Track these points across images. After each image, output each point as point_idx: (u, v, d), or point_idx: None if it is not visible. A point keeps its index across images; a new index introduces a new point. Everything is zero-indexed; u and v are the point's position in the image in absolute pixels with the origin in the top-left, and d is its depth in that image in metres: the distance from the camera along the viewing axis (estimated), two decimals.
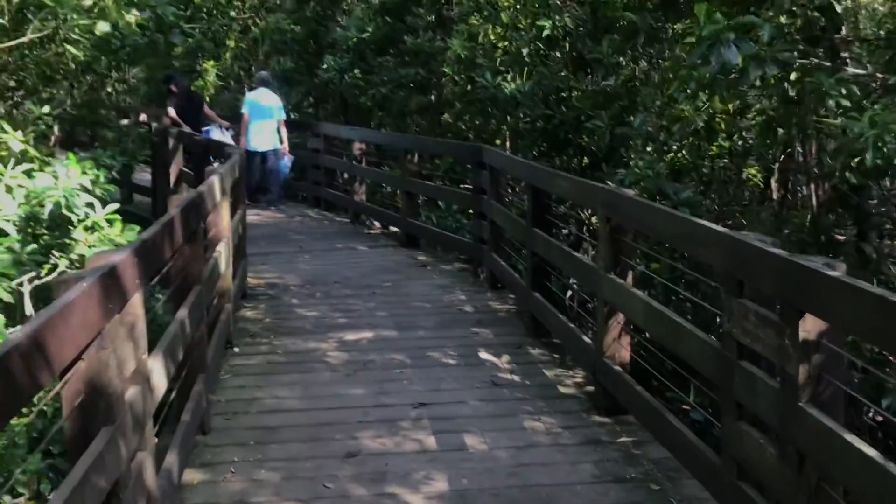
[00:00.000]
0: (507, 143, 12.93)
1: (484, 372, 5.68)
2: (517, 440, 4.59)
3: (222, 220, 6.14)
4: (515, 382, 5.47)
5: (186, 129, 11.91)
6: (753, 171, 8.70)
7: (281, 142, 12.54)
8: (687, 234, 3.75)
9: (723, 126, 5.37)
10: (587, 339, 5.25)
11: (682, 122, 5.13)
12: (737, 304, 3.29)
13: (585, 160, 9.40)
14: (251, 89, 13.26)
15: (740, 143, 6.90)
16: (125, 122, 13.69)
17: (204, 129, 12.43)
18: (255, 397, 5.27)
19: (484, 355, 6.02)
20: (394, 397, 5.23)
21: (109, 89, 26.47)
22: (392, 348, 6.19)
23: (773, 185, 7.64)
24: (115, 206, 7.20)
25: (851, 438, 2.61)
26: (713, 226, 3.54)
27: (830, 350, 2.85)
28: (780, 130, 4.87)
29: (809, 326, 2.85)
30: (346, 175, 12.91)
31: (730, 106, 5.31)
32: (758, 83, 4.25)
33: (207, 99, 15.42)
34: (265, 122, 12.38)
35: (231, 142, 12.01)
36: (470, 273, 8.63)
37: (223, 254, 5.81)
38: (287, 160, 12.72)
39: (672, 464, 4.22)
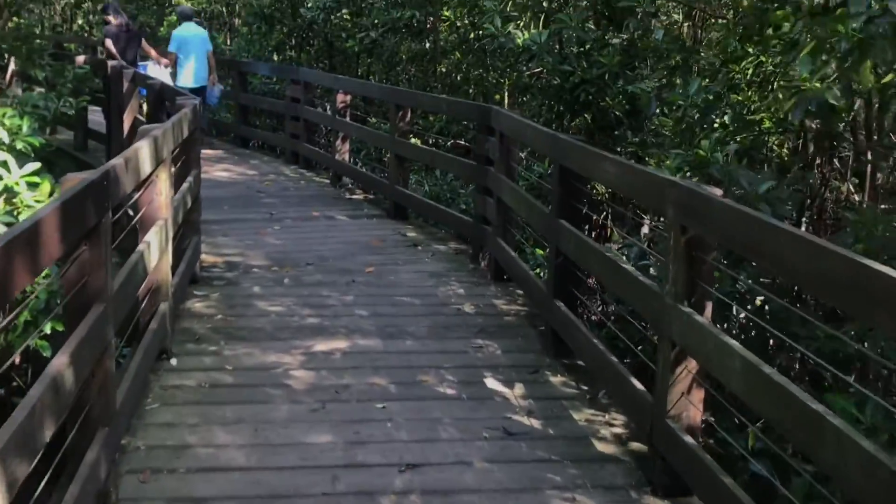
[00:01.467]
0: (506, 101, 11.48)
1: (493, 411, 4.33)
2: None
3: (159, 195, 4.74)
4: (535, 431, 4.13)
5: (118, 61, 10.83)
6: (784, 151, 7.30)
7: (210, 73, 11.92)
8: (839, 277, 2.36)
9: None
10: (639, 386, 3.88)
11: (799, 97, 3.71)
12: None
13: (588, 120, 7.95)
14: (176, 26, 12.36)
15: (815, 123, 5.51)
16: (80, 58, 12.27)
17: (141, 64, 11.49)
18: (186, 444, 3.90)
19: (491, 383, 4.67)
20: (373, 452, 3.88)
21: (81, 21, 24.78)
22: (373, 367, 4.83)
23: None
24: (35, 165, 5.77)
25: None
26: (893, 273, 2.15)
27: None
28: None
29: None
30: (329, 128, 11.46)
31: (885, 79, 3.79)
32: None
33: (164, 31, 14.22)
34: (194, 58, 11.71)
35: (169, 80, 11.12)
36: (468, 257, 7.24)
37: (154, 243, 4.41)
38: (216, 90, 12.03)
39: None
